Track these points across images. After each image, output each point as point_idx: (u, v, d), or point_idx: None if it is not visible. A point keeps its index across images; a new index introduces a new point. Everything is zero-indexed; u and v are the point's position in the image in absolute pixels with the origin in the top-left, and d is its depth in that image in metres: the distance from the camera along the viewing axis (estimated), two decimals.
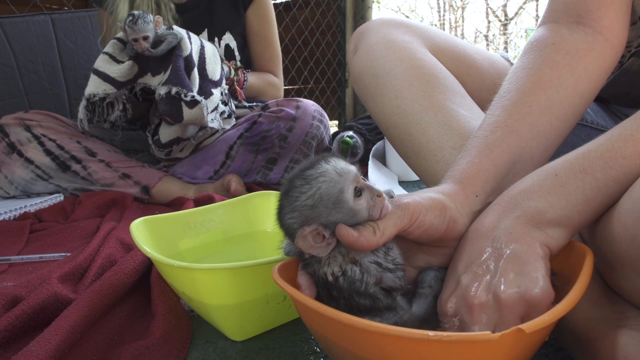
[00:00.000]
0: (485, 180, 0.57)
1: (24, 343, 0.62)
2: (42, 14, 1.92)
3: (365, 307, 0.48)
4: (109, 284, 0.76)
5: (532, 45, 0.67)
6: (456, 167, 0.59)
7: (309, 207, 0.47)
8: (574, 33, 0.65)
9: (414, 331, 0.40)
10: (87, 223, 1.19)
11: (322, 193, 0.47)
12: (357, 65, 0.89)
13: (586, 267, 0.48)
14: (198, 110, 1.27)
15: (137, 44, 1.27)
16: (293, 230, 0.49)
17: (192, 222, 0.89)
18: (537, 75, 0.63)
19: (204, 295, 0.65)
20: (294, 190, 0.48)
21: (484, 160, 0.58)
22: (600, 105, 0.91)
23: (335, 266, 0.49)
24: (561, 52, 0.64)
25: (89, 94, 1.29)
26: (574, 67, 0.63)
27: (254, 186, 1.47)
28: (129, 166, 1.43)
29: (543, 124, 0.60)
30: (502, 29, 8.18)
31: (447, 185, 0.57)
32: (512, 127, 0.60)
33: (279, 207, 0.50)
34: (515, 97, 0.62)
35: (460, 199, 0.54)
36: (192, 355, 0.66)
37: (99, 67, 1.30)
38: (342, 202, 0.47)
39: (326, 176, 0.47)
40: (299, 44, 2.88)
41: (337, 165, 0.48)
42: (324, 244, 0.48)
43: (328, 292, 0.49)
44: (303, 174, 0.48)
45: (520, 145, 0.59)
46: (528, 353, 0.44)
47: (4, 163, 1.37)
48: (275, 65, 1.78)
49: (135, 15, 1.27)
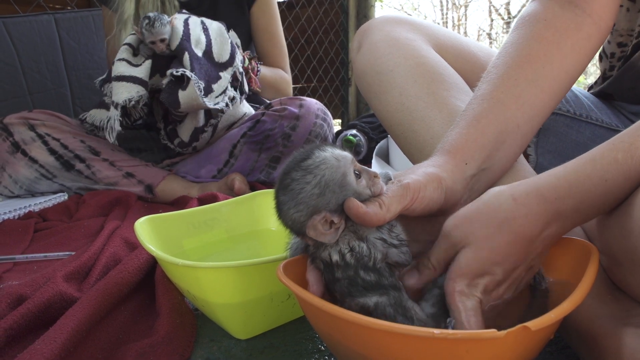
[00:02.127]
0: (474, 149, 0.59)
1: (30, 341, 0.62)
2: (45, 13, 1.93)
3: (370, 283, 0.48)
4: (113, 282, 0.76)
5: (523, 20, 0.69)
6: (446, 140, 0.62)
7: (317, 196, 0.48)
8: (565, 12, 0.67)
9: (419, 329, 0.40)
10: (91, 222, 1.19)
11: (327, 179, 0.48)
12: (360, 63, 0.89)
13: (591, 264, 0.48)
14: (190, 89, 1.25)
15: (155, 46, 1.30)
16: (300, 223, 0.49)
17: (196, 221, 0.89)
18: (525, 50, 0.65)
19: (209, 294, 0.66)
20: (295, 183, 0.48)
21: (471, 131, 0.61)
22: (604, 103, 0.91)
23: (343, 244, 0.49)
24: (551, 28, 0.66)
25: (125, 100, 1.26)
26: (561, 44, 0.65)
27: (257, 185, 1.48)
28: (133, 165, 1.44)
29: (529, 96, 0.63)
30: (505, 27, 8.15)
31: (438, 157, 0.59)
32: (498, 99, 0.62)
33: (278, 204, 0.50)
34: (503, 70, 0.65)
35: (451, 167, 0.57)
36: (196, 353, 0.66)
37: (122, 73, 1.28)
38: (347, 184, 0.49)
39: (327, 163, 0.48)
40: (302, 43, 2.88)
41: (333, 152, 0.49)
42: (332, 230, 0.49)
43: (332, 276, 0.49)
44: (300, 165, 0.49)
45: (506, 115, 0.62)
46: (533, 351, 0.44)
47: (8, 162, 1.38)
48: (284, 61, 1.77)
49: (151, 18, 1.27)
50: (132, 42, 1.34)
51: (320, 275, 0.51)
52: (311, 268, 0.52)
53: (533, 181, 0.51)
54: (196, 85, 1.25)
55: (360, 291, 0.48)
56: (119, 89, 1.28)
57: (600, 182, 0.48)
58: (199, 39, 1.33)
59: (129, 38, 1.35)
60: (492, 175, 0.62)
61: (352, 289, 0.48)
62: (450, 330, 0.40)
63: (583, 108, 0.87)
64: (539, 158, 0.87)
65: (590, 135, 0.86)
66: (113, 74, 1.29)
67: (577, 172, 0.49)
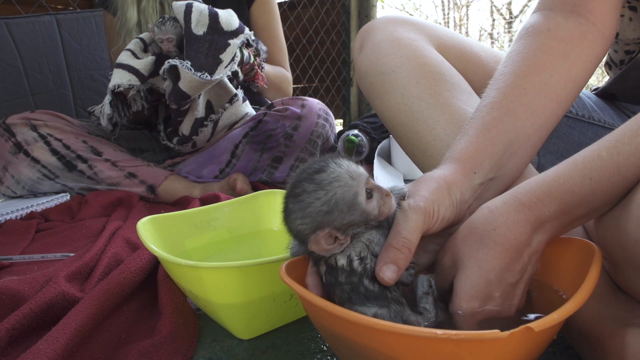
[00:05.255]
0: (483, 158, 0.59)
1: (32, 341, 0.62)
2: (47, 14, 1.93)
3: (373, 293, 0.48)
4: (115, 282, 0.76)
5: (527, 31, 0.69)
6: (455, 148, 0.61)
7: (324, 213, 0.47)
8: (568, 21, 0.67)
9: (422, 329, 0.40)
10: (93, 222, 1.19)
11: (338, 198, 0.47)
12: (362, 63, 0.89)
13: (594, 265, 0.47)
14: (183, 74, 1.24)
15: (163, 44, 1.32)
16: (304, 235, 0.49)
17: (199, 221, 0.89)
18: (532, 60, 0.65)
19: (211, 294, 0.66)
20: (306, 195, 0.48)
21: (481, 139, 0.60)
22: (607, 103, 0.90)
23: (354, 251, 0.49)
24: (556, 38, 0.66)
25: (114, 85, 1.29)
26: (567, 54, 0.65)
27: (259, 185, 1.47)
28: (135, 165, 1.44)
29: (537, 105, 0.62)
30: (507, 26, 8.14)
31: (447, 166, 0.59)
32: (508, 108, 0.62)
33: (286, 210, 0.50)
34: (511, 79, 0.64)
35: (460, 176, 0.57)
36: (198, 353, 0.66)
37: (122, 61, 1.31)
38: (356, 205, 0.48)
39: (341, 181, 0.47)
40: (304, 43, 2.88)
41: (349, 168, 0.48)
42: (336, 244, 0.49)
43: (334, 279, 0.49)
44: (314, 178, 0.48)
45: (516, 125, 0.61)
46: (536, 351, 0.44)
47: (11, 163, 1.38)
48: (284, 60, 1.77)
49: (165, 18, 1.31)
50: (144, 38, 1.36)
51: (319, 280, 0.51)
52: (311, 272, 0.52)
53: (511, 190, 0.51)
54: (183, 66, 1.24)
55: (361, 299, 0.48)
56: (114, 75, 1.30)
57: (583, 181, 0.47)
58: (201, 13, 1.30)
59: (143, 34, 1.38)
60: (501, 184, 0.61)
61: (352, 296, 0.48)
62: (453, 330, 0.40)
63: (585, 109, 0.87)
64: (540, 159, 0.87)
65: (592, 136, 0.86)
66: (116, 62, 1.32)
67: (557, 174, 0.49)
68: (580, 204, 0.48)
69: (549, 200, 0.48)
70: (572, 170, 0.48)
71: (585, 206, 0.48)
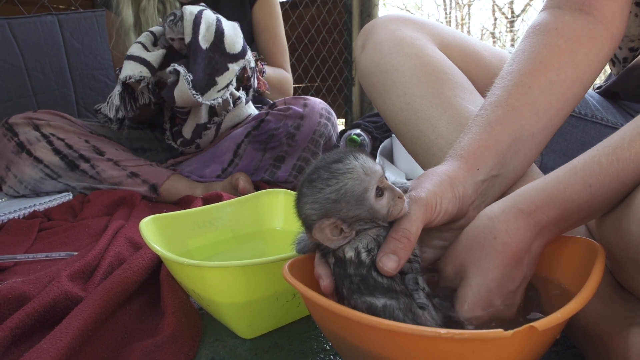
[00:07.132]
0: (487, 155, 0.59)
1: (35, 341, 0.62)
2: (49, 14, 1.93)
3: (381, 285, 0.48)
4: (118, 282, 0.76)
5: (534, 29, 0.69)
6: (458, 144, 0.61)
7: (331, 201, 0.48)
8: (576, 20, 0.66)
9: (425, 329, 0.40)
10: (96, 222, 1.19)
11: (347, 189, 0.48)
12: (365, 62, 0.88)
13: (598, 264, 0.47)
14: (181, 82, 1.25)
15: (174, 43, 1.32)
16: (311, 221, 0.49)
17: (201, 221, 0.90)
18: (538, 58, 0.64)
19: (214, 293, 0.66)
20: (319, 181, 0.48)
21: (485, 137, 0.60)
22: (610, 102, 0.90)
23: (361, 243, 0.49)
24: (563, 37, 0.65)
25: (125, 77, 1.29)
26: (574, 53, 0.64)
27: (262, 184, 1.47)
28: (137, 165, 1.44)
29: (543, 104, 0.62)
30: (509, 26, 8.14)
31: (450, 162, 0.59)
32: (513, 106, 0.62)
33: (299, 194, 0.50)
34: (516, 77, 0.64)
35: (463, 172, 0.57)
36: (201, 353, 0.67)
37: (133, 53, 1.31)
38: (364, 200, 0.48)
39: (354, 173, 0.48)
40: (306, 42, 2.88)
41: (365, 164, 0.49)
42: (340, 237, 0.49)
43: (343, 271, 0.50)
44: (330, 166, 0.49)
45: (520, 123, 0.61)
46: (539, 351, 0.44)
47: (14, 162, 1.38)
48: (285, 61, 1.78)
49: (177, 16, 1.30)
50: (155, 31, 1.36)
51: (329, 270, 0.51)
52: (320, 262, 0.52)
53: (509, 197, 0.51)
54: (184, 77, 1.24)
55: (370, 290, 0.48)
56: (125, 67, 1.30)
57: (583, 188, 0.47)
58: (209, 27, 1.31)
59: (154, 27, 1.38)
60: (504, 182, 0.61)
61: (362, 286, 0.48)
62: (456, 330, 0.39)
63: (588, 107, 0.87)
64: (543, 158, 0.87)
65: (595, 135, 0.85)
66: (127, 54, 1.32)
67: (557, 181, 0.49)
68: (579, 210, 0.48)
69: (549, 207, 0.48)
70: (572, 178, 0.48)
71: (584, 212, 0.49)
